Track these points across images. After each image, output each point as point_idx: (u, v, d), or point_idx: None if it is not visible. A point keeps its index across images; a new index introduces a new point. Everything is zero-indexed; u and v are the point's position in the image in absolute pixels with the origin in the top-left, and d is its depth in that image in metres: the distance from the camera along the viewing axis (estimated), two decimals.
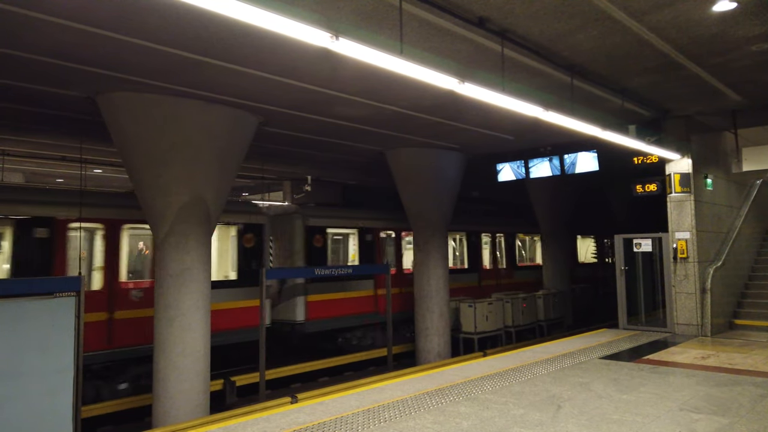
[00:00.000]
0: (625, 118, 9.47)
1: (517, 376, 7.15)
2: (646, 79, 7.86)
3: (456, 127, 10.14)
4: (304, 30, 4.01)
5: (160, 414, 7.90)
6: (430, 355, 12.42)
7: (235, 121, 8.48)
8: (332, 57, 6.14)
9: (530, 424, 5.12)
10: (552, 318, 16.09)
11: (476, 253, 17.03)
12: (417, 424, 5.19)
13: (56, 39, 5.72)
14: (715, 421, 5.13)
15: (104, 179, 16.21)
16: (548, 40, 6.22)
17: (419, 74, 5.08)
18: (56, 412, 6.06)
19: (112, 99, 7.65)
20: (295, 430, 5.15)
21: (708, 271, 10.27)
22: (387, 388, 6.71)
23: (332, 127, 9.81)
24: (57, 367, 6.10)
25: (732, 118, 10.52)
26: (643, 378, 6.88)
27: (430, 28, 5.72)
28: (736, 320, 10.85)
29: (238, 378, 10.75)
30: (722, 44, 6.57)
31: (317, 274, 10.58)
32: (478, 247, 17.12)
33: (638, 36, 6.16)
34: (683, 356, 8.24)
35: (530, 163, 11.77)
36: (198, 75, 6.92)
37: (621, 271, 11.15)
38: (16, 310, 5.96)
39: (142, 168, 8.00)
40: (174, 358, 7.92)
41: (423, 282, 12.61)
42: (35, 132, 10.23)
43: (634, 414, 5.37)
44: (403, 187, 12.64)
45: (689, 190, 10.18)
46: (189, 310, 8.05)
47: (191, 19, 5.32)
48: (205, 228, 8.32)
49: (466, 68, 6.84)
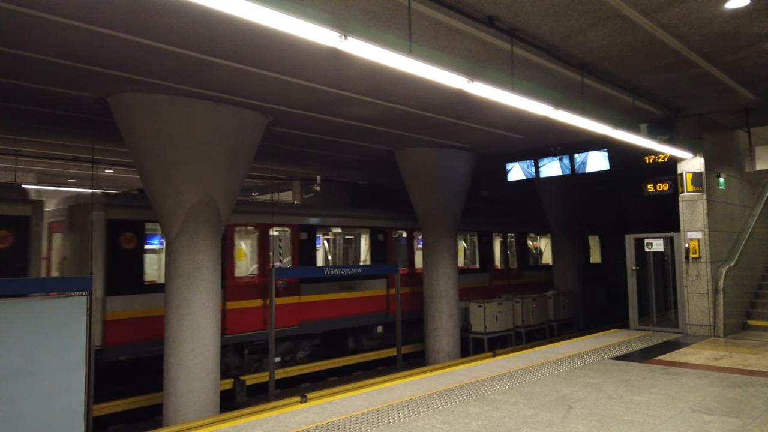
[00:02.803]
0: (637, 116, 9.40)
1: (527, 376, 7.11)
2: (657, 77, 7.79)
3: (465, 127, 10.11)
4: (313, 30, 4.02)
5: (170, 413, 7.94)
6: (439, 355, 12.39)
7: (244, 121, 8.51)
8: (341, 57, 6.14)
9: (540, 425, 5.09)
10: (562, 318, 16.01)
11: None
12: (426, 424, 5.18)
13: (68, 40, 5.77)
14: (728, 422, 5.07)
15: (118, 179, 16.35)
16: (558, 38, 6.18)
17: (428, 73, 5.07)
18: (68, 410, 6.10)
19: (123, 100, 7.71)
20: (304, 429, 5.16)
21: (720, 271, 10.16)
22: (396, 388, 6.71)
23: (341, 126, 9.82)
24: (69, 365, 6.15)
25: (745, 116, 10.40)
26: (655, 379, 6.82)
27: (439, 27, 5.70)
28: (749, 321, 10.73)
29: (247, 377, 10.80)
30: (735, 42, 6.50)
31: (326, 274, 10.57)
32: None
33: (650, 34, 6.11)
34: (695, 357, 8.16)
35: (540, 163, 11.71)
36: (208, 75, 6.96)
37: (632, 271, 11.06)
38: (29, 309, 6.02)
39: (152, 168, 8.05)
40: (184, 357, 7.96)
41: (432, 282, 12.59)
42: (48, 133, 10.33)
43: (645, 415, 5.32)
44: (412, 186, 12.62)
45: (701, 190, 10.07)
46: (199, 309, 8.10)
47: (201, 20, 5.35)
48: (215, 228, 8.36)
49: (476, 67, 6.82)
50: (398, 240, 14.97)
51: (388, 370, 12.75)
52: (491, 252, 17.19)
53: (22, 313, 5.96)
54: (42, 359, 6.00)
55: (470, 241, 17.18)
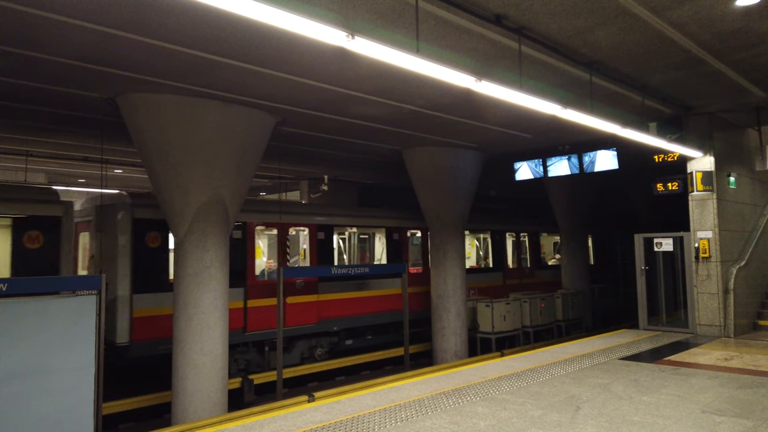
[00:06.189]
0: (646, 115, 9.33)
1: (535, 376, 7.09)
2: (667, 75, 7.73)
3: (473, 126, 10.08)
4: (321, 29, 4.02)
5: (178, 411, 7.98)
6: (447, 354, 12.37)
7: (252, 121, 8.54)
8: (348, 56, 6.14)
9: (549, 425, 5.06)
10: (570, 318, 15.94)
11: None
12: (434, 424, 5.17)
13: (77, 41, 5.81)
14: (739, 423, 5.03)
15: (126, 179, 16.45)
16: (567, 37, 6.15)
17: (435, 72, 5.06)
18: (78, 408, 6.16)
19: (132, 100, 7.75)
20: (312, 428, 5.16)
21: (731, 270, 10.07)
22: (404, 388, 6.70)
23: (348, 126, 9.82)
24: (79, 364, 6.20)
25: (756, 114, 10.30)
26: (665, 379, 6.77)
27: (447, 26, 5.69)
28: (759, 321, 10.63)
29: (255, 376, 10.84)
30: (746, 39, 6.43)
31: (334, 273, 10.61)
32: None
33: (659, 32, 6.06)
34: (705, 357, 8.10)
35: (548, 162, 11.66)
36: (216, 75, 6.98)
37: (641, 270, 10.99)
38: (39, 308, 6.07)
39: (161, 168, 8.09)
40: (193, 356, 8.00)
41: (440, 281, 12.57)
42: (57, 133, 10.41)
43: (654, 416, 5.29)
44: (420, 186, 12.61)
45: (712, 189, 9.98)
46: (208, 309, 8.13)
47: (210, 20, 5.36)
48: (223, 227, 8.39)
49: (483, 66, 6.79)
50: (412, 239, 15.10)
51: (395, 369, 12.75)
52: (504, 251, 17.21)
53: (33, 312, 6.01)
54: (52, 358, 6.06)
55: (483, 240, 17.21)
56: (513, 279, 17.25)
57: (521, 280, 17.51)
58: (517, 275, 17.50)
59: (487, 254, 17.34)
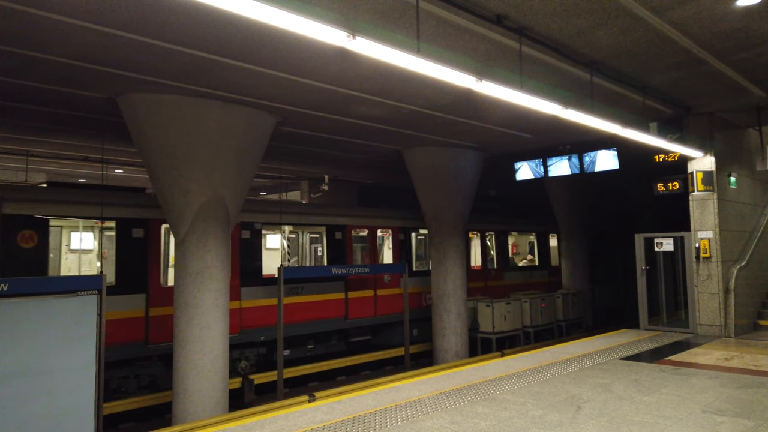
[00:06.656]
0: (647, 115, 9.33)
1: (535, 376, 7.09)
2: (668, 75, 7.73)
3: (474, 126, 10.08)
4: (322, 29, 4.02)
5: (179, 411, 7.99)
6: (447, 354, 12.38)
7: (253, 121, 8.54)
8: (349, 56, 6.14)
9: (549, 425, 5.07)
10: (571, 318, 15.93)
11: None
12: (434, 424, 5.18)
13: (78, 41, 5.81)
14: (740, 423, 5.03)
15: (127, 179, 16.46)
16: (567, 37, 6.15)
17: (436, 72, 5.06)
18: (79, 408, 6.16)
19: (133, 100, 7.75)
20: (312, 428, 5.17)
21: (732, 270, 10.07)
22: (404, 388, 6.70)
23: (349, 126, 9.82)
24: (80, 364, 6.20)
25: (756, 114, 10.29)
26: (665, 379, 6.77)
27: (447, 26, 5.69)
28: (760, 321, 10.63)
29: (256, 376, 10.83)
30: (746, 39, 6.43)
31: (335, 273, 10.58)
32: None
33: (660, 32, 6.06)
34: (706, 357, 8.10)
35: (549, 162, 11.66)
36: (216, 75, 6.98)
37: (642, 270, 10.99)
38: (40, 308, 6.07)
39: (161, 168, 8.09)
40: (193, 356, 8.00)
41: (440, 281, 12.57)
42: (58, 133, 10.41)
43: (655, 416, 5.29)
44: (420, 186, 12.62)
45: (712, 189, 9.99)
46: (208, 309, 8.13)
47: (210, 20, 5.37)
48: (224, 227, 8.39)
49: (484, 66, 6.79)
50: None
51: (396, 369, 12.75)
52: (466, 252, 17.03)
53: (34, 312, 6.02)
54: (53, 358, 6.06)
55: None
56: (476, 282, 15.74)
57: (486, 282, 16.35)
58: (481, 278, 16.20)
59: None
